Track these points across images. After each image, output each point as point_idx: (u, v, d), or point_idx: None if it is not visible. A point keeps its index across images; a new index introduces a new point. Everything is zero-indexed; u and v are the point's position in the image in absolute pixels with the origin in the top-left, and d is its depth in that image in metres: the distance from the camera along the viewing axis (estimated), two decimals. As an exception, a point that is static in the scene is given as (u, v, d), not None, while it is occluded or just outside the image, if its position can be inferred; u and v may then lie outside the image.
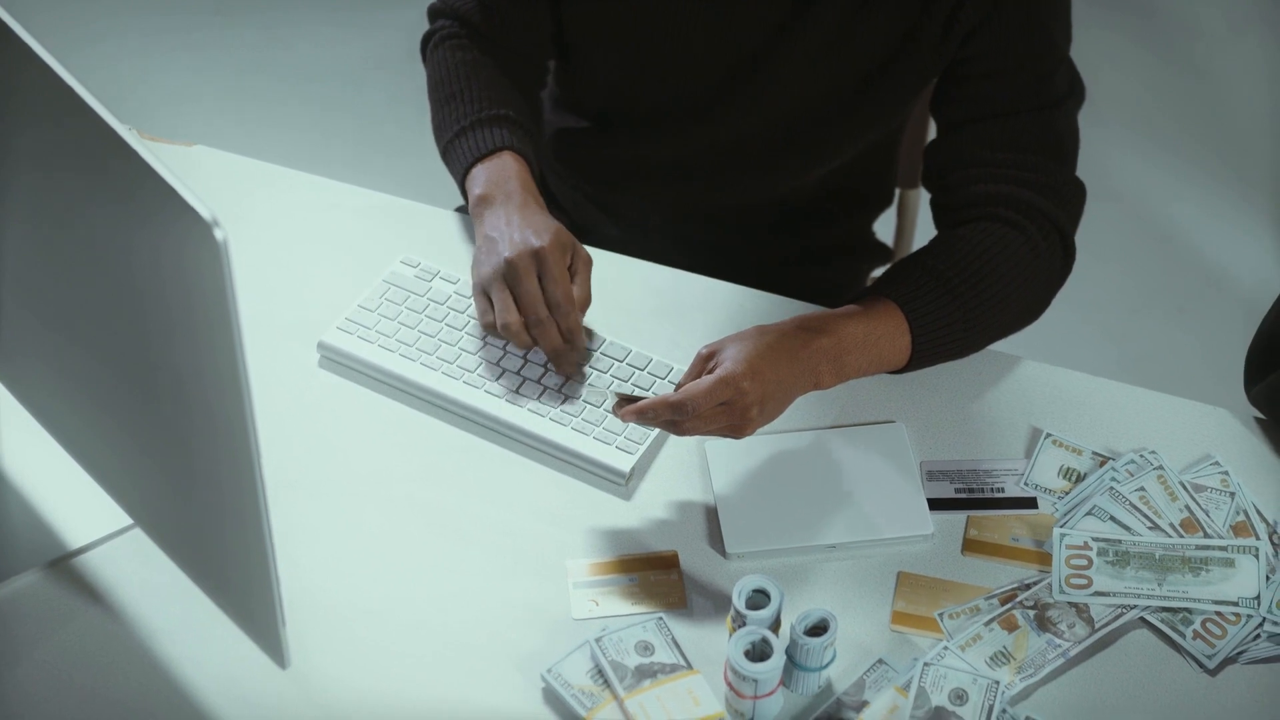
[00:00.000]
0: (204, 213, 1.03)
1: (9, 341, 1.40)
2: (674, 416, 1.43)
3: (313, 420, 1.58)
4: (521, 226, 1.56)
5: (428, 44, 1.80)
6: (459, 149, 1.67)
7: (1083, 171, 1.68)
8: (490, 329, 1.56)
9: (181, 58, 3.32)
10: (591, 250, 1.73)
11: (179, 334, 1.12)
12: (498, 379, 1.58)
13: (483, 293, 1.56)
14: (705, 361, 1.47)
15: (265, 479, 1.15)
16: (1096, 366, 2.78)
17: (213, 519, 1.24)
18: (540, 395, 1.57)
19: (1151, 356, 2.88)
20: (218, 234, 1.03)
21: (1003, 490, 1.53)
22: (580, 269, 1.57)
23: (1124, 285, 2.99)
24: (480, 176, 1.64)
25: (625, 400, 1.46)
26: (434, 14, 1.81)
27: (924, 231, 1.88)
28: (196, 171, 1.79)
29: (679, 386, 1.47)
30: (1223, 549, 1.47)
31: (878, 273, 2.05)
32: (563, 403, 1.56)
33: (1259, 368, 1.60)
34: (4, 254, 1.30)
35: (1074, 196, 1.66)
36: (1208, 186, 3.15)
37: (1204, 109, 3.29)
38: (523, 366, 1.59)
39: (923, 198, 1.93)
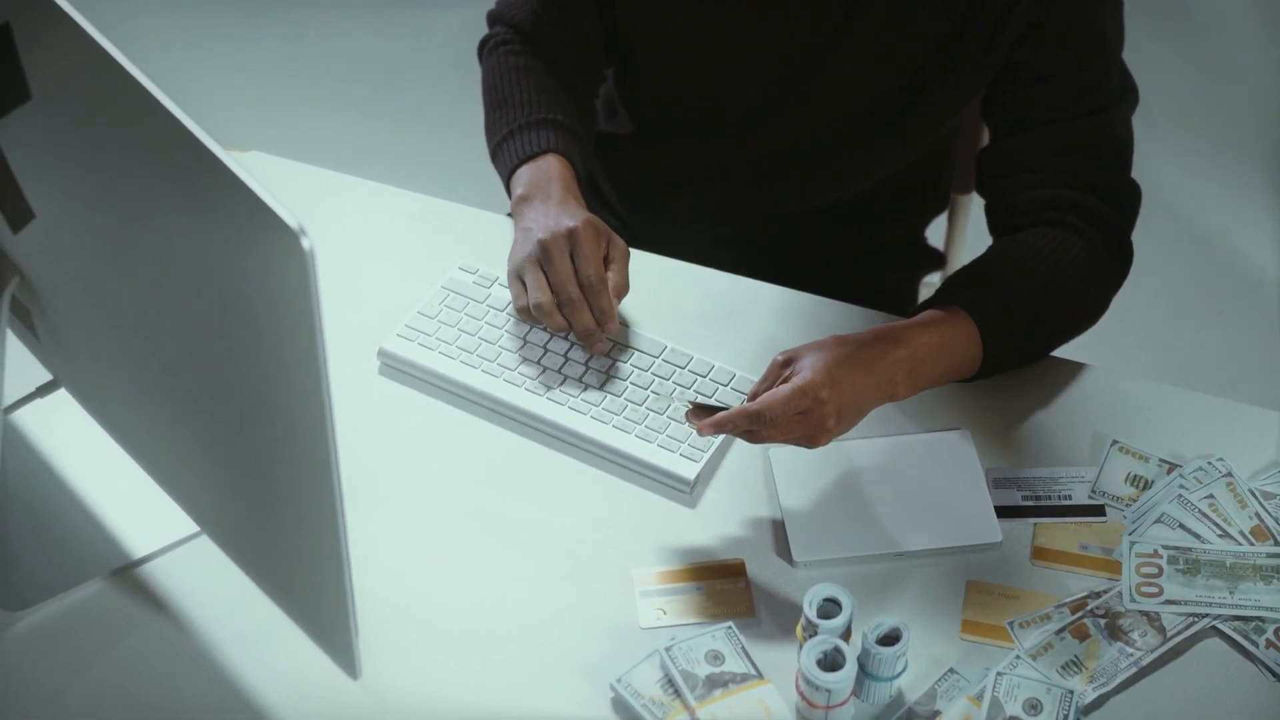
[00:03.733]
0: (290, 221, 1.02)
1: (77, 347, 1.39)
2: (751, 426, 1.42)
3: (374, 427, 1.57)
4: (557, 214, 1.58)
5: (483, 49, 1.81)
6: (506, 151, 1.68)
7: (1123, 175, 1.68)
8: (524, 312, 1.56)
9: (205, 60, 3.31)
10: (646, 254, 1.73)
11: (260, 342, 1.11)
12: (560, 385, 1.57)
13: (516, 277, 1.57)
14: (781, 369, 1.47)
15: (342, 487, 1.15)
16: (1137, 371, 2.78)
17: (287, 528, 1.24)
18: (604, 402, 1.56)
19: (1192, 360, 2.87)
20: (305, 243, 1.02)
21: (1070, 498, 1.52)
22: (617, 258, 1.58)
23: (1163, 289, 2.97)
24: (524, 177, 1.64)
25: (700, 410, 1.45)
26: (491, 20, 1.81)
27: (976, 237, 1.87)
28: (252, 177, 1.78)
29: (753, 394, 1.47)
30: (1294, 557, 1.46)
31: (930, 278, 2.04)
32: (626, 410, 1.56)
33: None
34: (77, 258, 1.29)
35: (1130, 198, 1.65)
36: (1244, 189, 3.14)
37: (1240, 111, 3.28)
38: (585, 373, 1.58)
39: (975, 203, 1.92)
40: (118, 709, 1.37)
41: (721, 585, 1.46)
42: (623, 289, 1.57)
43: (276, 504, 1.22)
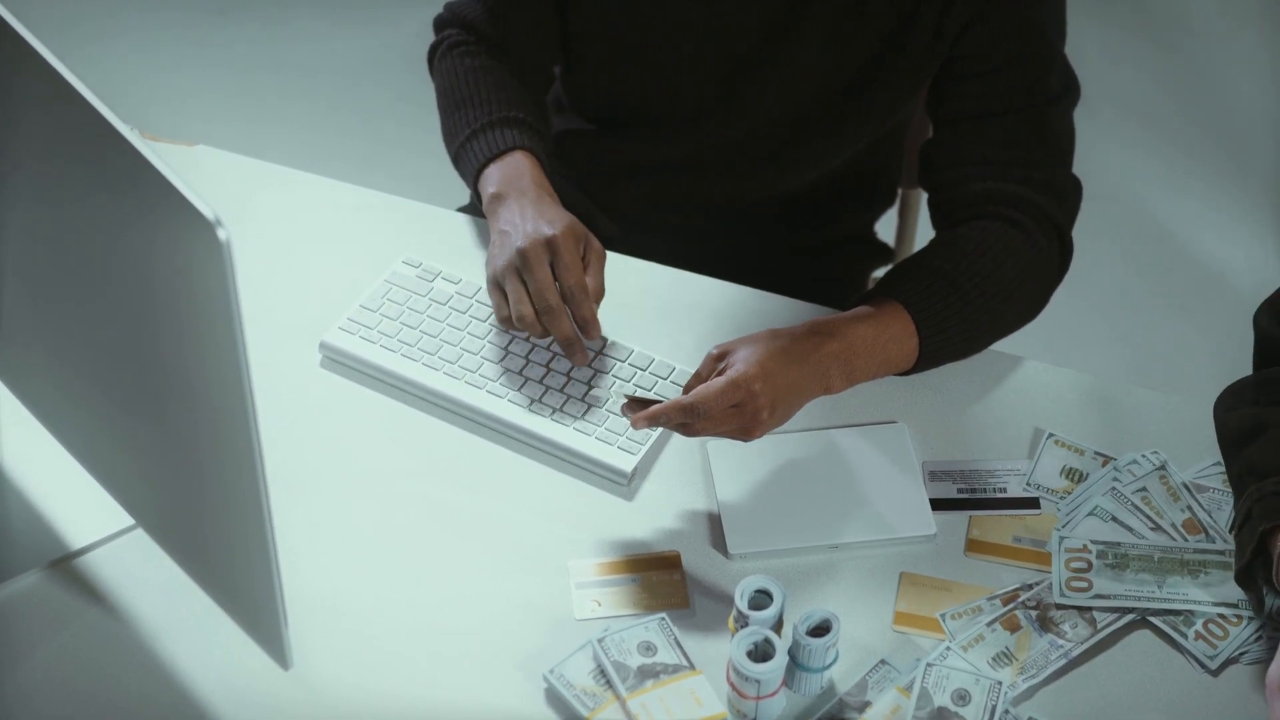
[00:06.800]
0: (206, 212, 1.03)
1: (9, 339, 1.40)
2: (685, 419, 1.43)
3: (314, 420, 1.58)
4: (535, 218, 1.56)
5: (435, 54, 1.79)
6: (470, 151, 1.67)
7: (1080, 169, 1.68)
8: (506, 322, 1.55)
9: (179, 57, 3.32)
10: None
11: (181, 334, 1.12)
12: (500, 379, 1.58)
13: (496, 286, 1.55)
14: (715, 362, 1.47)
15: (267, 479, 1.15)
16: (1097, 365, 2.79)
17: (215, 519, 1.24)
18: (543, 395, 1.57)
19: (1153, 355, 2.88)
20: (220, 234, 1.03)
21: (1005, 490, 1.53)
22: (594, 260, 1.57)
23: (1124, 283, 2.99)
24: (494, 176, 1.63)
25: (635, 403, 1.46)
26: (440, 24, 1.80)
27: (925, 231, 1.88)
28: (198, 171, 1.78)
29: (688, 387, 1.47)
30: (1221, 552, 1.47)
31: (879, 273, 2.05)
32: (565, 403, 1.56)
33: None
34: (4, 250, 1.30)
35: (1071, 194, 1.66)
36: (1206, 182, 3.15)
37: (1201, 104, 3.29)
38: (525, 366, 1.59)
39: (924, 198, 1.93)
40: (55, 699, 1.38)
41: (657, 577, 1.47)
42: (599, 293, 1.56)
43: (202, 495, 1.23)
